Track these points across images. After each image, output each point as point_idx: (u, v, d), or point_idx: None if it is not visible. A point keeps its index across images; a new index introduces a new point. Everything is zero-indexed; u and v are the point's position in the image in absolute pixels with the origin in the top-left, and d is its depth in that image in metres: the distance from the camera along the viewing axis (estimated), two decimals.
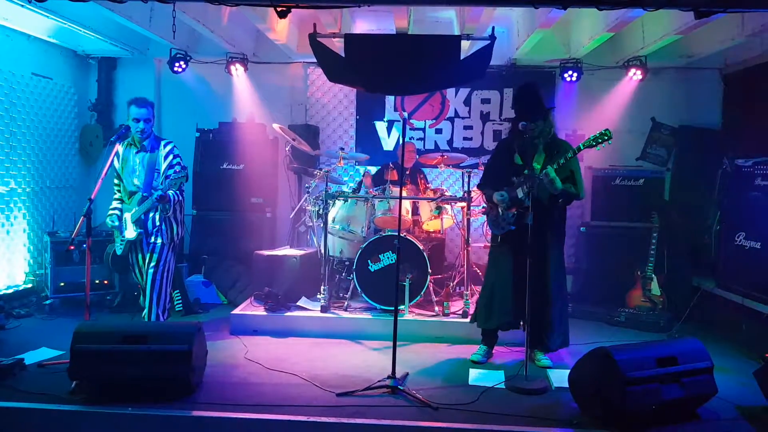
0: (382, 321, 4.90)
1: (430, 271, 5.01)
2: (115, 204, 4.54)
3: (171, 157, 4.46)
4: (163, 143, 4.49)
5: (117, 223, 4.46)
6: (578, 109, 6.55)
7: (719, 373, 3.54)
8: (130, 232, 4.41)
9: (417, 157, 6.12)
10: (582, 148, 3.93)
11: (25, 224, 5.93)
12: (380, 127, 6.91)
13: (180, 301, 5.58)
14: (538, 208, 3.99)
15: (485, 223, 6.02)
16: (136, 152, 4.45)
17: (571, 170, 4.11)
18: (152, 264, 4.41)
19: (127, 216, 4.43)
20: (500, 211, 4.27)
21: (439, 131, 6.87)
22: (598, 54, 6.12)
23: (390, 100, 6.87)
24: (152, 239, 4.42)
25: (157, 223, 4.42)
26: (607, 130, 3.86)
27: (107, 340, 3.51)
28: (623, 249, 5.91)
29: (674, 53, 6.04)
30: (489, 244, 6.00)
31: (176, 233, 4.54)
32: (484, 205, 5.07)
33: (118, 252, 4.52)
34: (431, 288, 5.14)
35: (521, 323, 4.23)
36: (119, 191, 4.54)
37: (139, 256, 4.49)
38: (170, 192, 4.33)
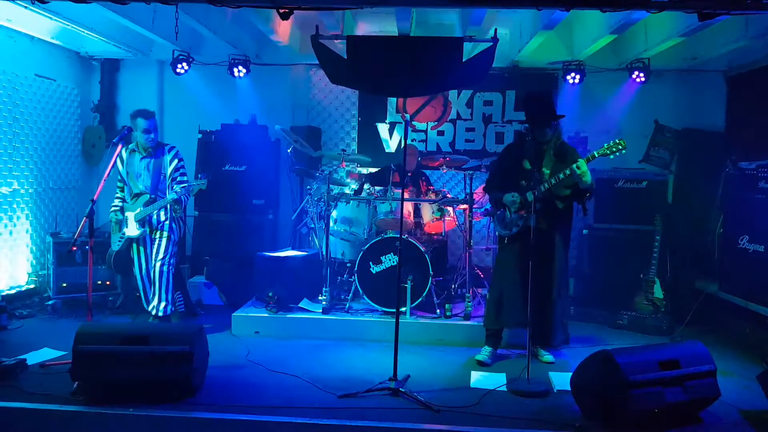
0: (384, 323, 4.89)
1: (431, 273, 5.00)
2: (116, 201, 4.84)
3: (176, 161, 4.78)
4: (167, 148, 4.77)
5: (122, 216, 4.73)
6: (581, 112, 6.52)
7: (722, 377, 3.53)
8: (132, 230, 4.68)
9: (419, 159, 6.10)
10: (597, 155, 4.01)
11: (27, 225, 5.94)
12: (382, 128, 6.90)
13: (182, 302, 5.57)
14: (548, 210, 4.17)
15: (488, 225, 6.03)
16: (141, 158, 4.73)
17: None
18: (159, 257, 4.69)
19: (130, 215, 4.70)
20: (508, 213, 4.33)
21: (441, 133, 6.86)
22: (601, 56, 6.10)
23: (392, 102, 6.87)
24: (156, 234, 4.70)
25: (162, 220, 4.70)
26: (621, 140, 3.96)
27: (109, 341, 3.51)
28: (626, 252, 5.87)
29: (678, 55, 6.02)
30: (490, 247, 6.04)
31: (180, 230, 4.88)
32: (486, 207, 5.07)
33: (115, 248, 4.79)
34: (433, 290, 5.13)
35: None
36: (122, 190, 4.85)
37: (141, 249, 4.76)
38: (183, 197, 4.66)
